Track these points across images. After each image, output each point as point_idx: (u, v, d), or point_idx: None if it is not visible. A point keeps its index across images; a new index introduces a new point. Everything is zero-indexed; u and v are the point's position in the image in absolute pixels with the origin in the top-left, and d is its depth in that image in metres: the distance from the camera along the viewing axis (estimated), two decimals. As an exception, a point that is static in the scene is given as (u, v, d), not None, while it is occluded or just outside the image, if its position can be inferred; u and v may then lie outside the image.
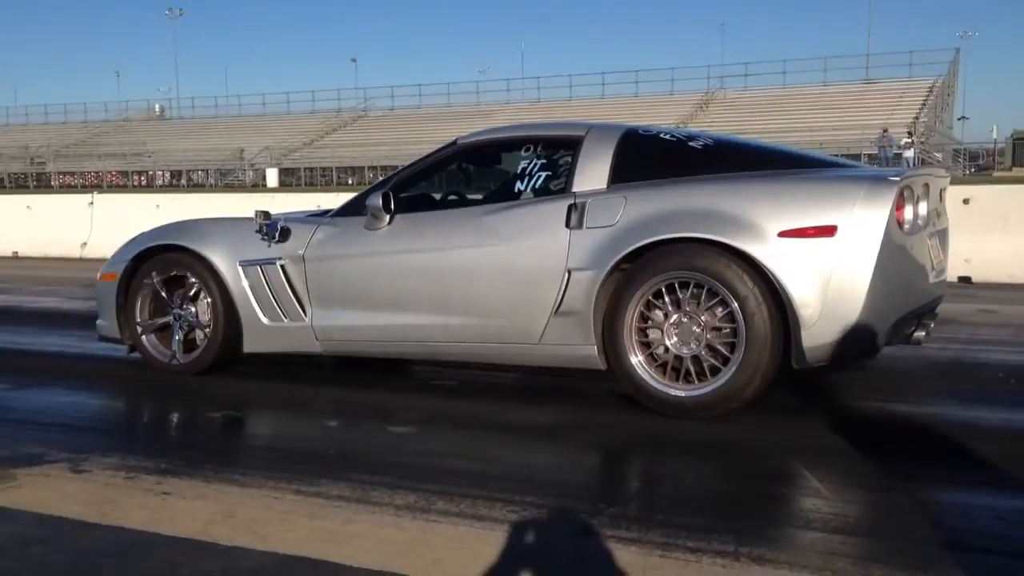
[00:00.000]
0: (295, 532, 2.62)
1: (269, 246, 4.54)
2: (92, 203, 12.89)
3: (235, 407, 4.11)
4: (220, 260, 4.61)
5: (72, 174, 49.13)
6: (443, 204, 4.73)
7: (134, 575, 2.35)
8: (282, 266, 4.50)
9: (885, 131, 29.58)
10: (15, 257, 12.60)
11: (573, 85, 50.14)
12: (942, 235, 4.28)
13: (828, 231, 3.54)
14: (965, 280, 8.02)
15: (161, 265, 4.78)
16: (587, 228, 3.89)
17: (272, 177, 44.76)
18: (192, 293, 4.73)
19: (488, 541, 2.53)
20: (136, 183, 47.92)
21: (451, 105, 51.74)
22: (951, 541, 2.48)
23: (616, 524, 2.62)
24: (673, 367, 3.77)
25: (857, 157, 29.36)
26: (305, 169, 47.87)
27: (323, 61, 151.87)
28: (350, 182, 44.75)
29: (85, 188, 35.95)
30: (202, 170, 49.27)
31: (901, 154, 28.94)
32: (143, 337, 4.82)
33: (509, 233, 4.06)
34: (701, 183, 3.88)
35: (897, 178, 3.65)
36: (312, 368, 4.87)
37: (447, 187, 4.92)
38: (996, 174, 33.57)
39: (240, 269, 4.58)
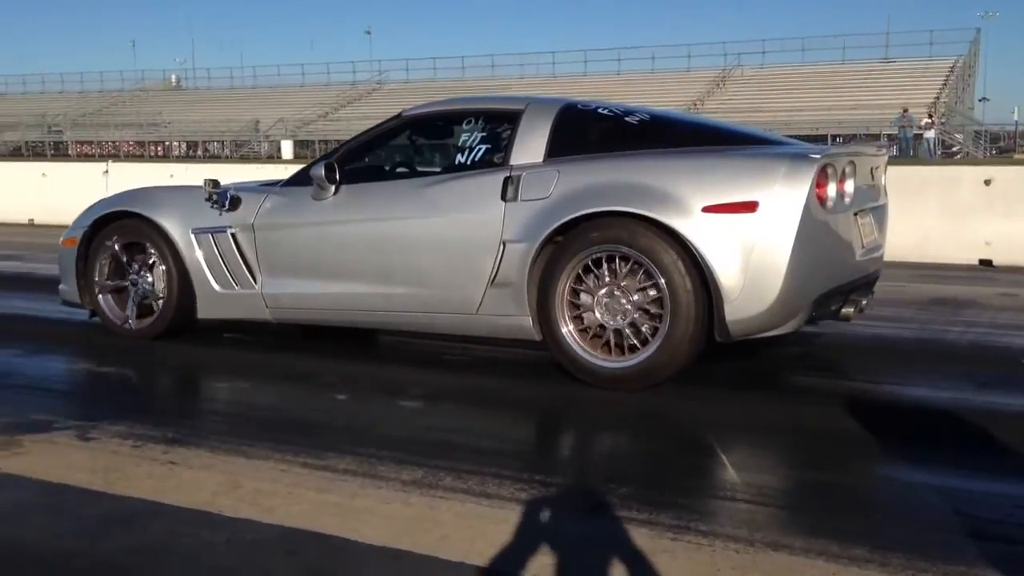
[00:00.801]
0: (301, 505, 2.59)
1: (220, 215, 4.61)
2: (107, 172, 12.88)
3: (243, 378, 4.09)
4: (173, 227, 4.68)
5: (89, 143, 49.13)
6: (389, 176, 4.73)
7: (141, 544, 2.32)
8: (232, 234, 4.58)
9: (905, 111, 29.22)
10: (30, 224, 12.63)
11: (588, 60, 49.75)
12: (877, 212, 4.34)
13: (750, 207, 3.59)
14: (986, 263, 7.92)
15: (120, 231, 4.86)
16: (522, 200, 3.95)
17: (287, 149, 44.70)
18: (151, 262, 4.78)
19: (496, 519, 2.50)
20: (152, 153, 47.89)
21: (464, 79, 51.46)
22: (979, 531, 2.43)
23: (627, 505, 2.58)
24: (603, 339, 3.83)
25: (876, 137, 29.05)
26: (320, 141, 47.74)
27: (338, 33, 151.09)
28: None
29: (102, 157, 36.02)
30: (217, 141, 49.21)
31: (922, 134, 28.62)
32: (99, 296, 4.91)
33: (447, 205, 4.12)
34: (631, 158, 3.94)
35: (818, 155, 3.68)
36: (319, 340, 4.85)
37: (397, 159, 4.94)
38: (1017, 156, 33.18)
39: (193, 236, 4.66)
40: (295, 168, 5.01)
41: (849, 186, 3.95)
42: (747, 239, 3.60)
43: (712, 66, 46.62)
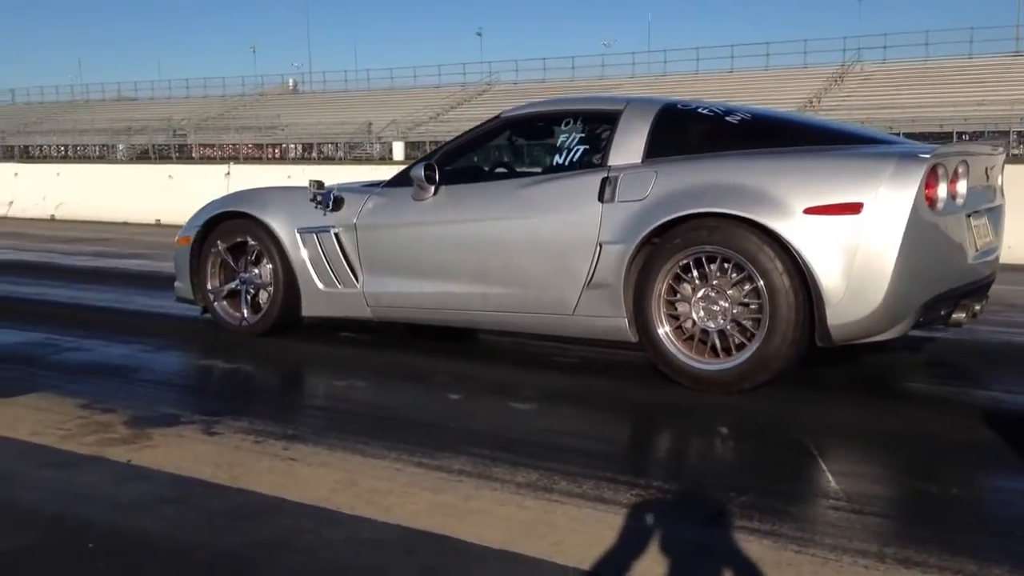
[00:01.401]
0: (416, 505, 2.60)
1: (324, 215, 4.71)
2: (228, 174, 13.36)
3: (358, 376, 4.15)
4: (280, 227, 4.81)
5: (211, 146, 51.11)
6: (488, 176, 4.75)
7: (262, 539, 2.37)
8: (335, 234, 4.67)
9: (1037, 107, 27.75)
10: (157, 224, 13.19)
11: (700, 59, 49.05)
12: (993, 214, 4.15)
13: (854, 208, 3.49)
14: None
15: (227, 232, 5.01)
16: (619, 202, 3.92)
17: (399, 150, 45.51)
18: (254, 256, 4.95)
19: (611, 525, 2.45)
20: (270, 155, 49.49)
21: (574, 80, 51.38)
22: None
23: (747, 514, 2.50)
24: (700, 340, 3.79)
25: (1005, 134, 27.70)
26: (431, 142, 48.43)
27: (450, 35, 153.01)
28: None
29: (223, 159, 37.41)
30: (332, 143, 50.49)
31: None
32: (215, 304, 5.08)
33: (544, 205, 4.12)
34: (731, 158, 3.88)
35: (927, 155, 3.54)
36: (430, 339, 4.88)
37: (496, 160, 5.01)
38: None
39: (298, 236, 4.77)
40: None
41: (961, 187, 3.79)
42: (851, 241, 3.49)
43: (830, 62, 45.35)
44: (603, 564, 2.23)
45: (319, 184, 4.76)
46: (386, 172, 12.04)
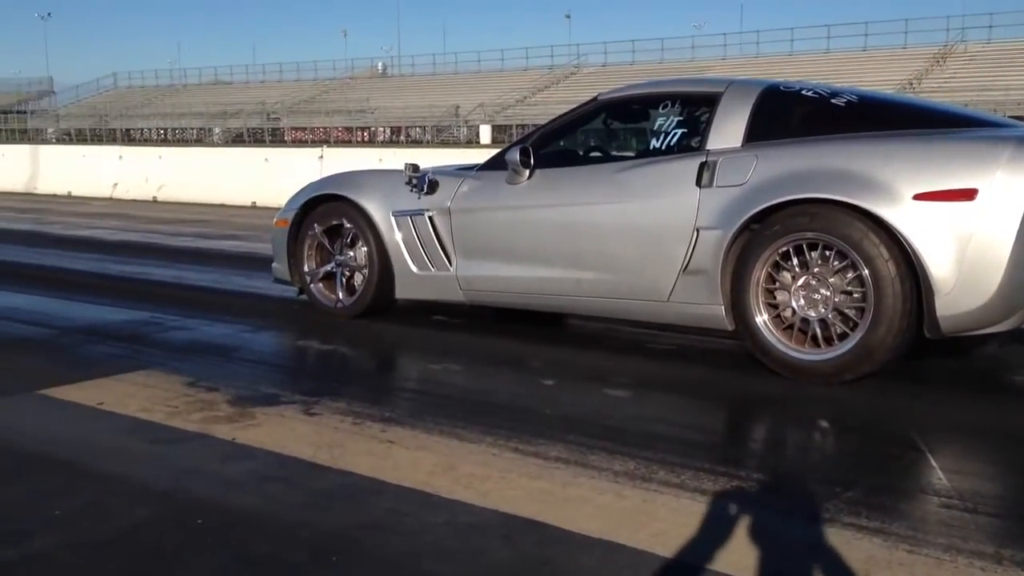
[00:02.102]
0: (514, 491, 2.60)
1: (419, 198, 4.72)
2: (322, 157, 13.59)
3: (453, 360, 4.17)
4: (375, 210, 4.84)
5: (303, 129, 52.07)
6: (584, 160, 4.70)
7: (364, 520, 2.41)
8: (430, 217, 4.68)
9: None
10: (253, 206, 13.51)
11: (795, 39, 47.88)
12: None
13: (967, 195, 3.35)
14: None
15: (323, 215, 5.07)
16: (717, 187, 3.83)
17: (485, 133, 45.65)
18: (349, 239, 5.00)
19: (712, 517, 2.42)
20: (359, 139, 50.16)
21: (664, 62, 50.71)
22: None
23: (855, 511, 2.43)
24: (800, 330, 3.69)
25: (1121, 116, 26.32)
26: (517, 126, 48.45)
27: (538, 18, 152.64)
28: (561, 139, 44.85)
29: (314, 143, 38.11)
30: (419, 126, 50.94)
31: None
32: (311, 285, 5.15)
33: (640, 190, 4.06)
34: (836, 142, 3.74)
35: None
36: (523, 324, 4.88)
37: (591, 143, 4.96)
38: None
39: (393, 219, 4.80)
40: (493, 152, 5.08)
41: None
42: (963, 229, 3.36)
43: (931, 42, 43.73)
44: (708, 558, 2.19)
45: (414, 167, 4.79)
46: (473, 155, 12.11)
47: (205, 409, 3.36)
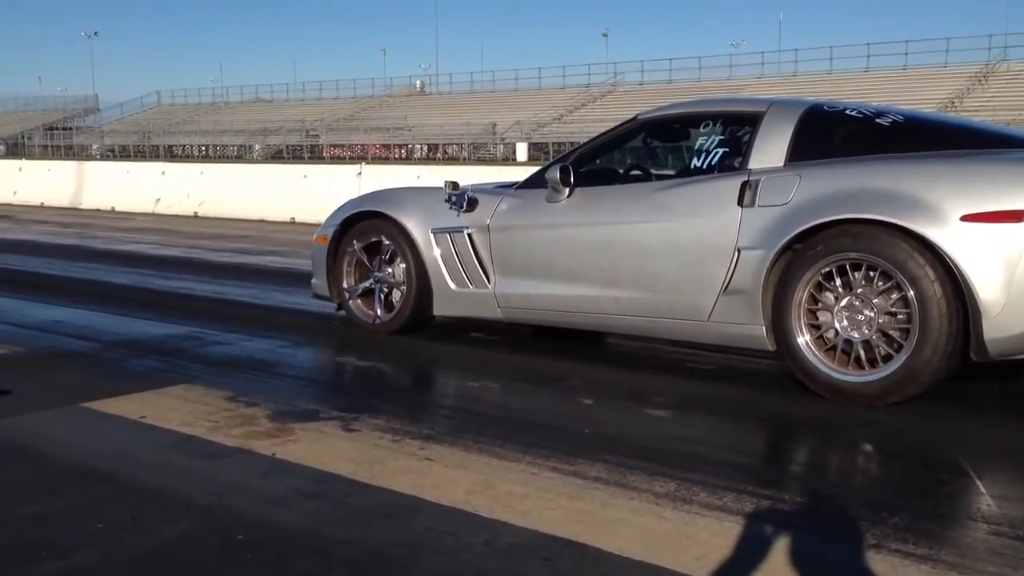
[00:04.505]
0: (554, 511, 2.58)
1: (458, 215, 4.74)
2: (360, 174, 13.70)
3: (491, 378, 4.16)
4: (415, 227, 4.87)
5: (341, 146, 52.54)
6: (624, 179, 4.72)
7: (404, 538, 2.40)
8: (469, 235, 4.70)
9: None
10: (292, 222, 13.63)
11: (834, 58, 47.55)
12: None
13: (1016, 216, 3.32)
14: None
15: (363, 232, 5.12)
16: (759, 206, 3.83)
17: (522, 151, 45.77)
18: (388, 256, 5.04)
19: (759, 542, 2.38)
20: (397, 156, 50.52)
21: (701, 80, 50.60)
22: None
23: (901, 537, 2.38)
24: (843, 351, 3.66)
25: None
26: (554, 144, 48.55)
27: (575, 37, 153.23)
28: (597, 157, 44.86)
29: (352, 160, 38.43)
30: (456, 144, 51.21)
31: None
32: (350, 302, 5.20)
33: (681, 209, 4.06)
34: (879, 162, 3.74)
35: None
36: (562, 342, 4.87)
37: (632, 162, 4.97)
38: None
39: (432, 236, 4.83)
40: (530, 170, 5.08)
41: None
42: (1012, 251, 3.33)
43: (973, 61, 43.24)
44: (749, 582, 2.16)
45: (454, 185, 4.81)
46: (510, 173, 12.17)
47: (245, 424, 3.38)
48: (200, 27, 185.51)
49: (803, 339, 3.72)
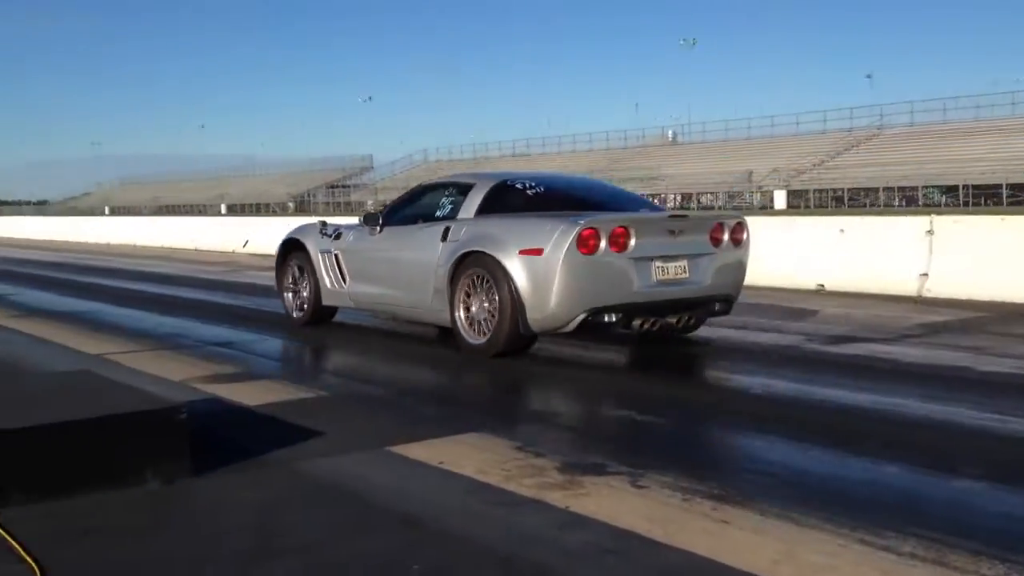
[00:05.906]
0: (869, 587, 2.42)
1: (332, 241, 7.28)
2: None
3: (778, 435, 4.01)
4: (312, 248, 7.44)
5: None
6: (407, 220, 6.84)
7: (707, 605, 2.34)
8: (335, 255, 7.20)
9: None
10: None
11: None
12: (666, 259, 5.85)
13: (539, 251, 5.57)
14: None
15: (293, 250, 7.69)
16: (449, 241, 6.19)
17: (780, 199, 44.56)
18: (304, 272, 7.57)
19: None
20: (649, 205, 50.54)
21: (979, 120, 47.09)
22: None
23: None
24: (475, 324, 5.94)
25: None
26: (815, 191, 46.81)
27: (834, 79, 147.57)
28: (866, 204, 42.82)
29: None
30: (711, 192, 50.60)
31: None
32: (284, 295, 7.81)
33: (420, 241, 6.49)
34: (501, 218, 6.14)
35: (582, 221, 5.53)
36: (853, 394, 4.60)
37: (418, 211, 6.94)
38: None
39: (320, 254, 7.33)
40: (788, 218, 4.86)
41: (632, 241, 5.61)
42: (537, 271, 5.57)
43: None
44: None
45: (323, 223, 7.68)
46: (766, 222, 11.78)
47: (536, 475, 3.45)
48: (463, 85, 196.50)
49: (460, 316, 6.01)
